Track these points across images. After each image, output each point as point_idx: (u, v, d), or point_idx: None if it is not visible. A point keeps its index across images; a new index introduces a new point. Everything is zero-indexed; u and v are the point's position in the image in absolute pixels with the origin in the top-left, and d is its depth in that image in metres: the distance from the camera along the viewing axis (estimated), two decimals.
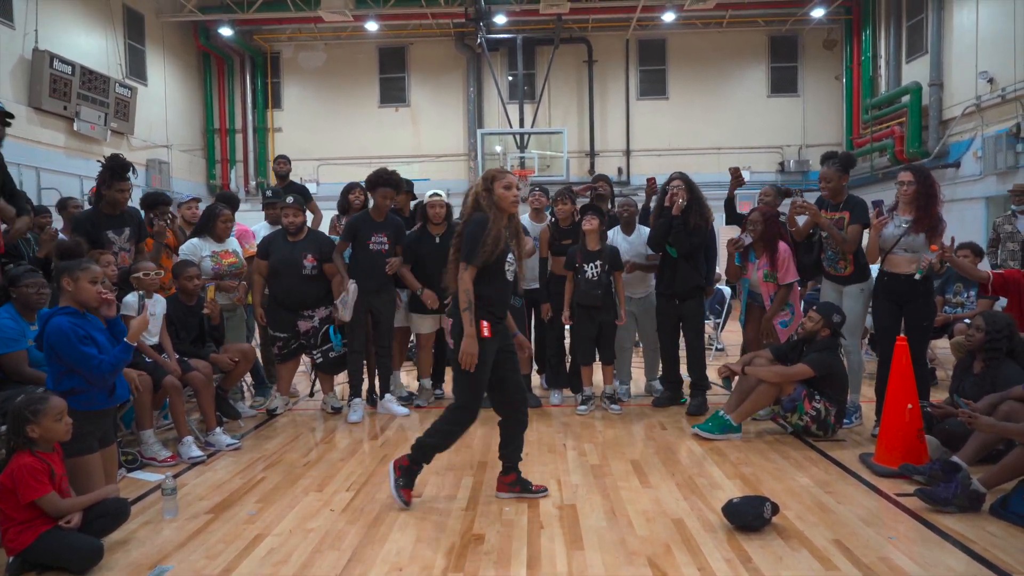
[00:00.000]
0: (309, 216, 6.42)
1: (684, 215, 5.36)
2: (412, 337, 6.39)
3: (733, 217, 5.73)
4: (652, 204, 6.36)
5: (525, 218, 6.11)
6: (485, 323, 3.55)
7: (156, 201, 5.72)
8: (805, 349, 4.82)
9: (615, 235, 5.95)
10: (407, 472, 3.68)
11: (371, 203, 5.68)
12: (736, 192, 5.75)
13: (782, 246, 5.21)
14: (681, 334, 5.71)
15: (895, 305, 4.70)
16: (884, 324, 4.78)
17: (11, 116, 4.70)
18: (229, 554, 3.12)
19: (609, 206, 6.43)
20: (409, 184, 6.47)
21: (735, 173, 5.65)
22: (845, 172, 4.98)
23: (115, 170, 4.86)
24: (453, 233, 5.64)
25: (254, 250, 5.92)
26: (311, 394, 5.96)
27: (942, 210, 4.76)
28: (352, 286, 5.31)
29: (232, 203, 6.35)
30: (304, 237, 5.55)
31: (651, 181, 6.17)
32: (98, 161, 5.01)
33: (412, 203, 6.50)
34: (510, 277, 3.72)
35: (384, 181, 5.44)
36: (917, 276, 4.55)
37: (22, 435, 3.00)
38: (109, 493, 3.22)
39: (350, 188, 6.18)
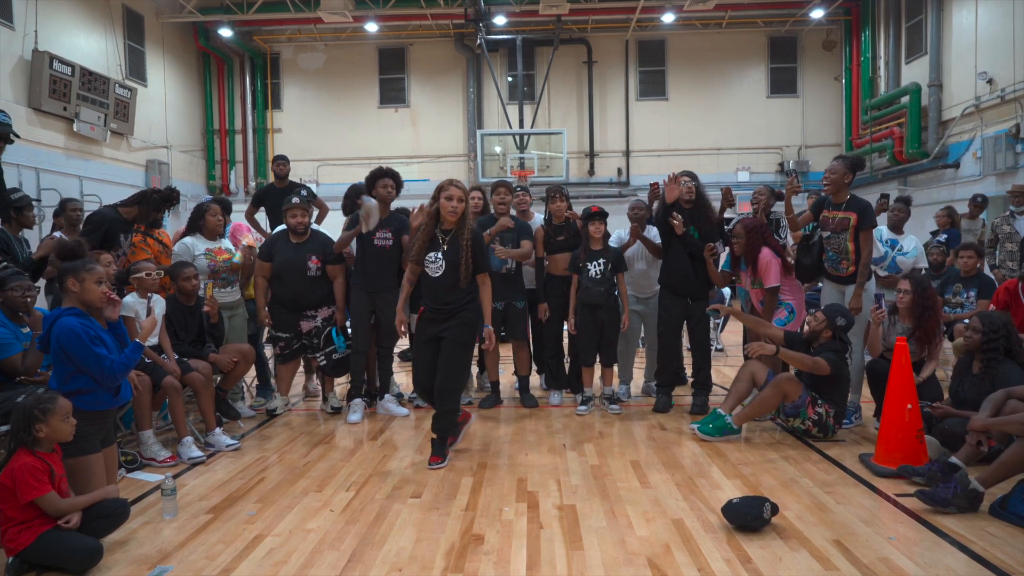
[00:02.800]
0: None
1: (697, 211, 5.41)
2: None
3: (723, 235, 5.72)
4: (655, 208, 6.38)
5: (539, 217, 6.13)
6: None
7: (169, 198, 5.66)
8: (812, 349, 4.81)
9: (626, 234, 5.97)
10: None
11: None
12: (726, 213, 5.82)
13: (765, 252, 5.20)
14: (686, 334, 5.72)
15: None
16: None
17: (17, 136, 4.85)
18: (229, 554, 3.12)
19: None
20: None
21: (726, 194, 5.65)
22: (851, 171, 4.99)
23: (170, 200, 5.44)
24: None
25: (250, 240, 5.90)
26: (324, 398, 5.91)
27: (939, 324, 4.84)
28: (371, 202, 5.32)
29: (224, 205, 6.33)
30: (308, 238, 5.55)
31: (654, 186, 6.15)
32: (164, 189, 5.51)
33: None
34: (430, 272, 4.34)
35: (383, 173, 5.52)
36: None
37: (30, 434, 3.00)
38: (109, 493, 3.22)
39: (357, 190, 6.15)
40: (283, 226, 5.68)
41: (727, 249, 5.62)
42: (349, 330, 5.70)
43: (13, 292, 3.97)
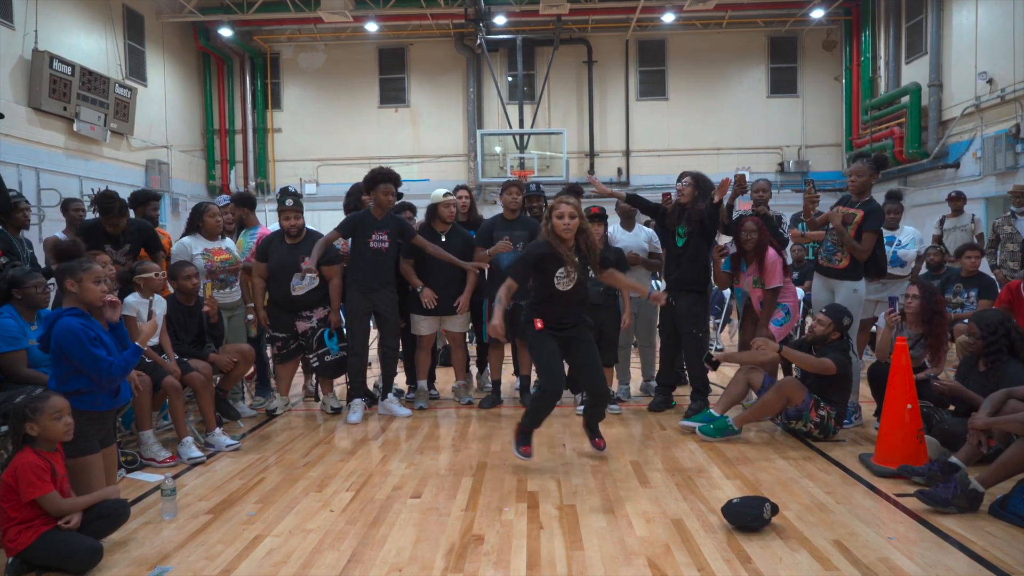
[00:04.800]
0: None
1: (692, 209, 5.36)
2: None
3: (727, 226, 5.52)
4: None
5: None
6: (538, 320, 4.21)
7: (147, 197, 5.71)
8: (814, 351, 4.79)
9: (615, 230, 5.97)
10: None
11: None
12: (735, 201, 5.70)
13: (771, 252, 5.22)
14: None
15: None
16: None
17: (0, 115, 4.79)
18: (229, 554, 3.12)
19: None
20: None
21: (740, 180, 5.57)
22: (876, 171, 5.02)
23: (100, 203, 5.04)
24: (459, 233, 5.72)
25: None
26: (317, 397, 5.94)
27: (947, 329, 4.85)
28: (313, 277, 5.34)
29: (248, 203, 6.34)
30: (302, 240, 5.55)
31: (666, 196, 6.15)
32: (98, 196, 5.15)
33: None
34: (561, 287, 4.17)
35: (383, 177, 5.45)
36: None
37: (21, 432, 3.01)
38: (109, 494, 3.23)
39: (358, 191, 6.14)
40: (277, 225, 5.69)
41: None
42: (344, 331, 5.70)
43: (35, 288, 3.99)
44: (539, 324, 4.20)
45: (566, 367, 4.40)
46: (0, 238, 4.96)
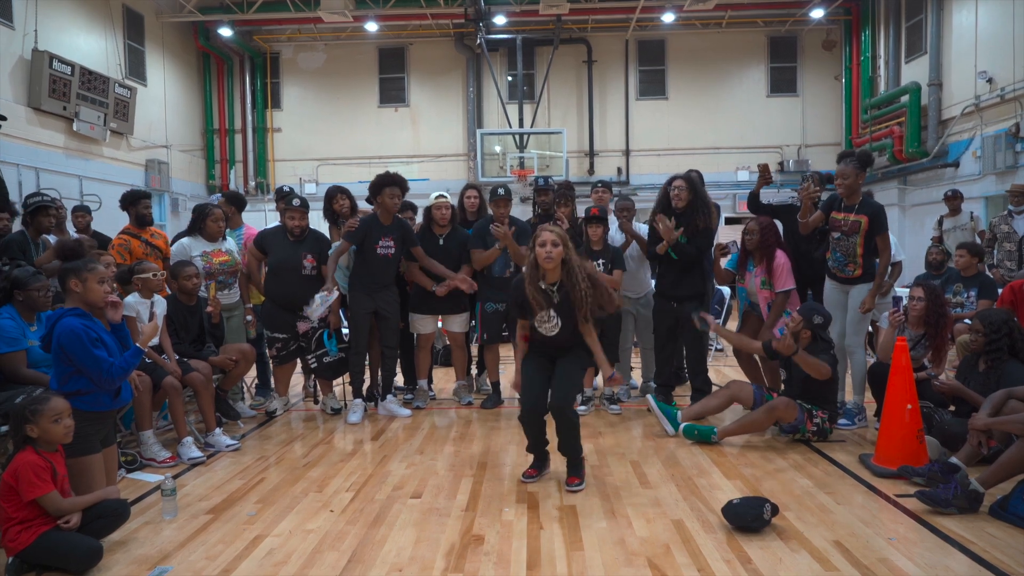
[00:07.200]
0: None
1: (688, 216, 5.31)
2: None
3: (758, 209, 5.55)
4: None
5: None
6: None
7: (136, 196, 5.72)
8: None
9: (614, 232, 5.97)
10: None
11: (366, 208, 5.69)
12: (761, 189, 5.58)
13: (780, 254, 5.20)
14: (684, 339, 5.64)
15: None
16: None
17: (3, 118, 4.80)
18: (229, 555, 3.12)
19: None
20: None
21: (763, 170, 5.50)
22: (862, 170, 4.94)
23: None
24: (457, 234, 5.72)
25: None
26: (316, 399, 5.95)
27: (950, 331, 4.86)
28: (327, 295, 5.19)
29: (238, 203, 6.35)
30: (305, 237, 5.55)
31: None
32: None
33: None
34: (545, 332, 3.91)
35: (389, 181, 5.44)
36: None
37: (21, 434, 3.02)
38: (109, 494, 3.23)
39: (332, 194, 6.10)
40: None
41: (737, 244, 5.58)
42: (344, 331, 5.70)
43: (38, 292, 4.00)
44: (524, 341, 4.06)
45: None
46: (19, 239, 4.98)
